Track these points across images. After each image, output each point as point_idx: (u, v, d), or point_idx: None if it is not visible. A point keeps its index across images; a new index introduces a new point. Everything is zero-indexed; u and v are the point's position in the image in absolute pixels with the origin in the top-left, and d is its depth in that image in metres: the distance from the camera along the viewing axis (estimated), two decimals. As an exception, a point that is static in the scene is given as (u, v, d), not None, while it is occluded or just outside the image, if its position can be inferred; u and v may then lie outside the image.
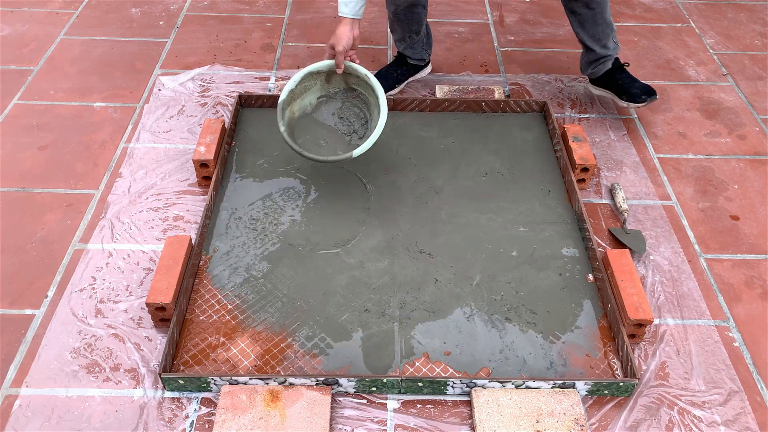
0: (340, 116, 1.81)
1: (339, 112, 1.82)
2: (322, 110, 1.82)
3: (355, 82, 1.78)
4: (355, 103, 1.81)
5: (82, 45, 2.45)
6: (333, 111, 1.82)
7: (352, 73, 1.76)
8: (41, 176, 1.88)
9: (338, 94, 1.82)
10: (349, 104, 1.82)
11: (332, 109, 1.82)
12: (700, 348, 1.49)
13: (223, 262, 1.63)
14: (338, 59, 1.71)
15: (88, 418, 1.33)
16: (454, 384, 1.36)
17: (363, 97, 1.80)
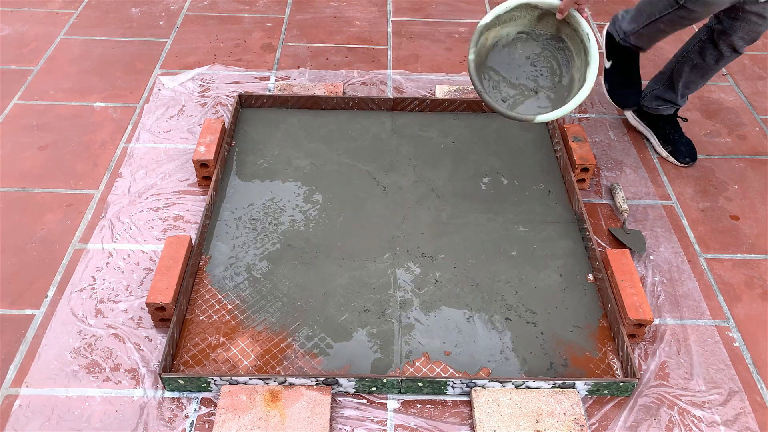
0: (534, 63, 1.59)
1: (534, 58, 1.59)
2: (517, 48, 1.58)
3: (568, 33, 1.56)
4: (556, 56, 1.58)
5: (82, 45, 2.45)
6: (528, 54, 1.59)
7: (571, 24, 1.53)
8: (41, 176, 1.88)
9: (542, 38, 1.57)
10: (549, 54, 1.59)
11: (528, 52, 1.59)
12: (700, 348, 1.49)
13: (223, 261, 1.63)
14: (565, 2, 1.50)
15: (88, 418, 1.33)
16: (454, 384, 1.36)
17: (568, 53, 1.58)
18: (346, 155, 1.95)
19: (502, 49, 1.58)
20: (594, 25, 2.66)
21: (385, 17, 2.68)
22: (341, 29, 2.59)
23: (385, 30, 2.60)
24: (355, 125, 2.06)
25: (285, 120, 2.07)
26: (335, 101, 2.10)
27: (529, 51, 1.58)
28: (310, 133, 2.03)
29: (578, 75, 1.54)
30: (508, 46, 1.57)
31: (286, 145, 1.98)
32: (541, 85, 1.59)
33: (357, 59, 2.42)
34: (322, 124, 2.06)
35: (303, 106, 2.11)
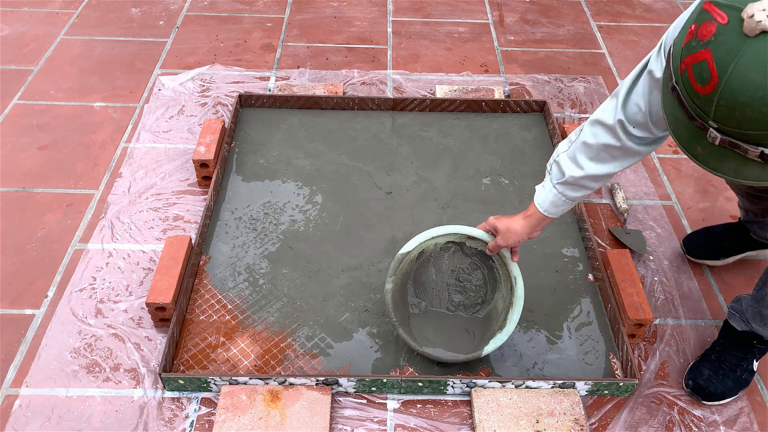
0: (459, 277, 1.48)
1: (460, 273, 1.47)
2: (444, 258, 1.46)
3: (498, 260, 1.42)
4: (484, 273, 1.46)
5: (82, 45, 2.44)
6: (455, 267, 1.47)
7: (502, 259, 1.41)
8: (41, 176, 1.88)
9: (472, 251, 1.44)
10: (477, 269, 1.47)
11: (456, 264, 1.47)
12: (701, 348, 1.49)
13: (223, 261, 1.63)
14: (495, 250, 1.38)
15: (88, 418, 1.33)
16: (454, 384, 1.36)
17: (496, 273, 1.44)
18: (346, 155, 1.95)
19: (427, 260, 1.46)
20: (595, 26, 2.66)
21: (385, 17, 2.68)
22: (341, 29, 2.59)
23: (385, 30, 2.60)
24: (355, 125, 2.06)
25: (285, 120, 2.07)
26: (335, 101, 2.10)
27: (457, 263, 1.47)
28: (310, 133, 2.03)
29: (501, 306, 1.42)
30: (434, 257, 1.46)
31: (286, 145, 1.98)
32: (465, 303, 1.48)
33: (357, 59, 2.42)
34: (322, 124, 2.06)
35: (303, 106, 2.11)
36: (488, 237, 1.39)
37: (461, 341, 1.44)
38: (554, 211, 1.27)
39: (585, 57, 2.48)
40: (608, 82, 2.34)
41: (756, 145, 0.79)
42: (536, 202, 1.28)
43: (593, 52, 2.51)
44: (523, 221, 1.31)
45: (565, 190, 1.22)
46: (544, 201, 1.26)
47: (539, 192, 1.28)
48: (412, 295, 1.49)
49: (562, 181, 1.21)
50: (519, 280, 1.39)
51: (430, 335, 1.45)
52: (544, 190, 1.27)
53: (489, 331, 1.42)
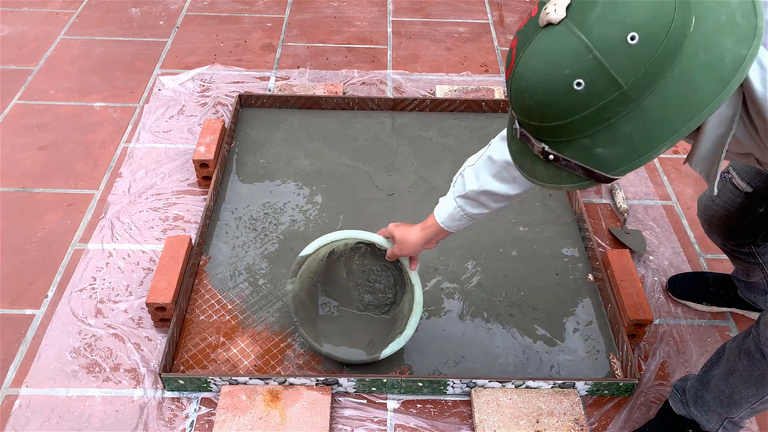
0: (369, 278, 1.46)
1: (370, 273, 1.46)
2: (355, 258, 1.45)
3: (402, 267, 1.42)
4: (393, 274, 1.46)
5: (82, 45, 2.45)
6: (365, 267, 1.46)
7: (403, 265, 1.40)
8: (41, 176, 1.88)
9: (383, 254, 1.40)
10: (387, 270, 1.45)
11: (365, 265, 1.46)
12: (700, 348, 1.49)
13: (223, 261, 1.63)
14: (392, 257, 1.36)
15: (88, 418, 1.33)
16: (454, 384, 1.36)
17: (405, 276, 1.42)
18: (346, 155, 1.95)
19: (338, 259, 1.44)
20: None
21: (385, 17, 2.68)
22: (341, 29, 2.59)
23: (385, 30, 2.60)
24: (355, 125, 2.06)
25: (285, 120, 2.07)
26: (335, 101, 2.10)
27: (367, 263, 1.45)
28: (310, 133, 2.03)
29: (407, 308, 1.40)
30: (345, 256, 1.44)
31: (286, 145, 1.98)
32: (373, 302, 1.47)
33: (357, 59, 2.42)
34: (322, 124, 2.06)
35: (303, 106, 2.11)
36: (387, 243, 1.35)
37: (366, 342, 1.43)
38: (451, 225, 1.22)
39: (585, 57, 2.48)
40: (608, 82, 2.33)
41: (537, 138, 0.81)
42: (435, 213, 1.24)
43: (593, 52, 2.51)
44: (420, 233, 1.27)
45: (464, 204, 1.18)
46: (443, 213, 1.22)
47: (441, 203, 1.23)
48: (322, 294, 1.48)
49: (463, 195, 1.17)
50: (418, 287, 1.36)
51: (336, 335, 1.44)
52: (445, 202, 1.22)
53: (393, 333, 1.41)
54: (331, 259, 1.45)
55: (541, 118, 0.78)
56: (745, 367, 1.09)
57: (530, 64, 0.76)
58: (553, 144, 0.80)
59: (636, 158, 0.75)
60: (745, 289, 1.50)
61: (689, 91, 0.71)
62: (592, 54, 0.71)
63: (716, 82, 0.71)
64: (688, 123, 0.72)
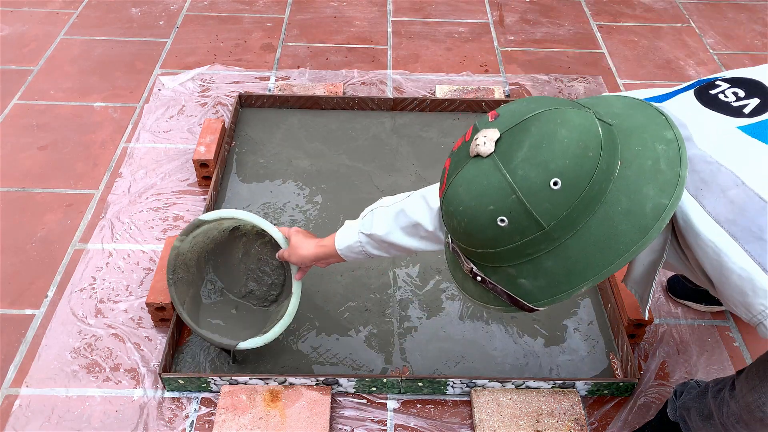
0: (261, 268, 1.44)
1: (264, 264, 1.44)
2: (256, 244, 1.43)
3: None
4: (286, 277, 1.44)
5: (82, 45, 2.45)
6: (262, 256, 1.43)
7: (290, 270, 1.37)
8: (41, 176, 1.88)
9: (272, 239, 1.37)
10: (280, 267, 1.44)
11: (263, 254, 1.42)
12: (700, 348, 1.49)
13: (223, 262, 1.63)
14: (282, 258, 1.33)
15: (88, 418, 1.33)
16: (454, 384, 1.36)
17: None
18: (346, 155, 1.95)
19: (239, 238, 1.42)
20: (595, 26, 2.66)
21: (385, 17, 2.68)
22: (341, 29, 2.59)
23: (385, 30, 2.60)
24: (355, 125, 2.06)
25: (285, 120, 2.07)
26: (335, 101, 2.10)
27: (266, 254, 1.42)
28: (310, 133, 2.03)
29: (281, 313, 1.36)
30: (248, 237, 1.42)
31: (286, 145, 1.98)
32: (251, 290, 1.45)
33: (357, 59, 2.42)
34: (322, 124, 2.06)
35: (303, 106, 2.11)
36: (282, 241, 1.32)
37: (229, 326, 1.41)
38: (348, 255, 1.20)
39: (585, 57, 2.48)
40: (608, 82, 2.34)
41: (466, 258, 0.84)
42: (336, 237, 1.20)
43: (593, 52, 2.51)
44: (315, 249, 1.24)
45: (366, 242, 1.15)
46: (343, 241, 1.18)
47: (344, 229, 1.20)
48: (209, 266, 1.46)
49: (368, 234, 1.14)
50: (295, 297, 1.32)
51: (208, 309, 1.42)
52: (349, 231, 1.18)
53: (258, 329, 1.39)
54: (233, 235, 1.42)
55: (468, 243, 0.81)
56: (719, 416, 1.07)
57: (458, 191, 0.79)
58: (480, 266, 0.83)
59: (557, 293, 0.77)
60: None
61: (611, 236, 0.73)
62: (515, 194, 0.73)
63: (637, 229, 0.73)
64: (609, 266, 0.74)
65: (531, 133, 0.74)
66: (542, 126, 0.74)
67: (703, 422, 1.13)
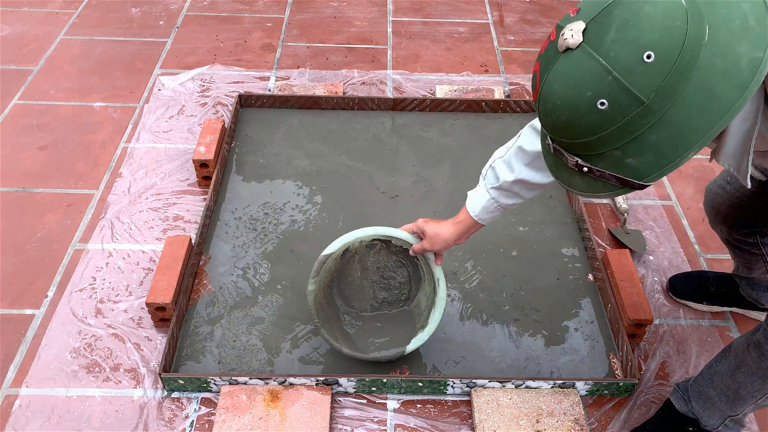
0: (384, 274, 1.46)
1: (385, 270, 1.45)
2: (370, 256, 1.44)
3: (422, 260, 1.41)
4: (408, 270, 1.45)
5: (82, 45, 2.45)
6: (380, 264, 1.45)
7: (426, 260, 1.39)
8: (41, 176, 1.88)
9: (397, 249, 1.42)
10: (402, 266, 1.45)
11: (381, 262, 1.45)
12: (700, 348, 1.49)
13: (223, 261, 1.63)
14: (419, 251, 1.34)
15: (88, 418, 1.33)
16: (454, 384, 1.36)
17: (420, 271, 1.44)
18: (346, 155, 1.95)
19: (352, 257, 1.43)
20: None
21: (385, 17, 2.68)
22: (341, 29, 2.59)
23: (385, 30, 2.60)
24: (355, 125, 2.06)
25: (285, 120, 2.07)
26: (335, 101, 2.10)
27: (382, 260, 1.44)
28: (310, 133, 2.03)
29: (424, 303, 1.42)
30: (360, 253, 1.43)
31: (286, 145, 1.98)
32: (388, 299, 1.47)
33: (357, 59, 2.42)
34: (322, 124, 2.06)
35: (303, 106, 2.11)
36: (413, 239, 1.34)
37: (386, 339, 1.43)
38: (485, 218, 1.23)
39: (585, 57, 2.48)
40: (608, 82, 2.33)
41: (569, 153, 0.85)
42: (468, 207, 1.24)
43: (593, 52, 2.51)
44: (453, 227, 1.26)
45: (498, 195, 1.20)
46: (476, 206, 1.22)
47: (471, 197, 1.24)
48: (336, 294, 1.47)
49: (496, 186, 1.19)
50: (442, 281, 1.36)
51: (355, 334, 1.43)
52: (476, 195, 1.23)
53: (412, 328, 1.42)
54: (345, 258, 1.44)
55: (570, 136, 0.82)
56: (753, 360, 1.10)
57: (554, 88, 0.80)
58: (585, 157, 0.84)
59: (665, 165, 0.78)
60: (747, 286, 1.50)
61: (710, 99, 0.74)
62: (611, 75, 0.75)
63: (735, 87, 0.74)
64: (712, 128, 0.75)
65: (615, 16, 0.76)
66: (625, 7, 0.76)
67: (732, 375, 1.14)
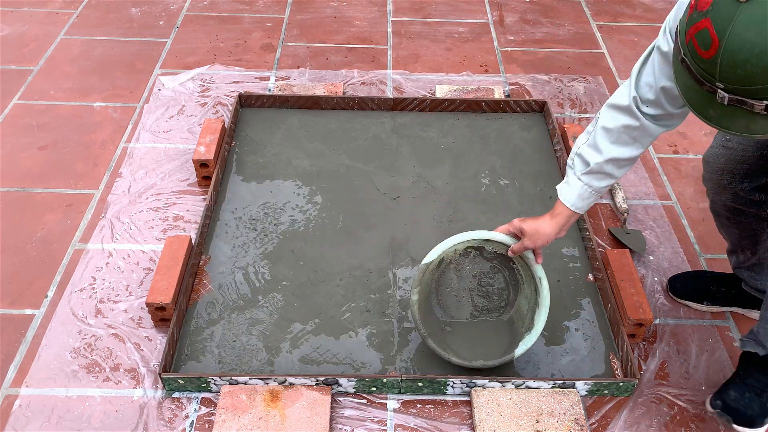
0: (481, 282, 1.46)
1: (482, 277, 1.45)
2: (465, 264, 1.44)
3: (519, 261, 1.41)
4: (505, 275, 1.45)
5: (82, 45, 2.45)
6: (476, 272, 1.45)
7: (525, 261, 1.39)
8: (41, 176, 1.88)
9: (492, 255, 1.42)
10: (498, 272, 1.45)
11: (476, 269, 1.44)
12: (700, 348, 1.49)
13: (223, 261, 1.63)
14: (520, 250, 1.35)
15: (88, 418, 1.33)
16: (454, 384, 1.36)
17: (518, 275, 1.44)
18: (346, 155, 1.95)
19: (447, 266, 1.43)
20: (595, 26, 2.66)
21: (385, 17, 2.68)
22: (341, 29, 2.59)
23: (385, 30, 2.60)
24: (355, 125, 2.06)
25: (285, 120, 2.07)
26: (335, 101, 2.10)
27: (478, 267, 1.44)
28: (310, 133, 2.03)
29: (526, 307, 1.42)
30: (455, 263, 1.43)
31: (286, 145, 1.98)
32: (488, 307, 1.47)
33: (357, 59, 2.42)
34: (322, 124, 2.06)
35: (303, 106, 2.11)
36: (510, 240, 1.36)
37: (489, 346, 1.43)
38: (581, 206, 1.28)
39: (585, 57, 2.48)
40: (608, 82, 2.34)
41: (760, 99, 0.86)
42: (562, 199, 1.29)
43: (593, 52, 2.51)
44: (552, 221, 1.30)
45: (590, 180, 1.24)
46: (570, 196, 1.27)
47: (563, 189, 1.29)
48: (435, 304, 1.47)
49: (587, 171, 1.24)
50: (544, 280, 1.37)
51: (458, 343, 1.43)
52: (568, 186, 1.28)
53: (516, 333, 1.42)
54: (440, 268, 1.43)
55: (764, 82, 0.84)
56: None
57: (746, 37, 0.82)
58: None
59: None
60: (750, 277, 1.49)
61: None
62: None
63: None
64: None
65: None
66: None
67: None
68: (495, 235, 1.37)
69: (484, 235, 1.37)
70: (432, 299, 1.46)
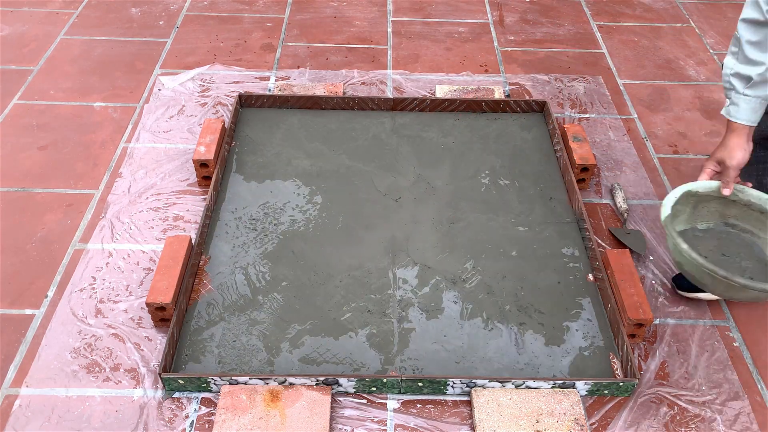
0: (723, 253, 1.42)
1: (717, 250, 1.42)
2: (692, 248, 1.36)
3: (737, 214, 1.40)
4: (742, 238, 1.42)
5: (82, 45, 2.45)
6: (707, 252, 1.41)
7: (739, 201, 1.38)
8: (41, 176, 1.88)
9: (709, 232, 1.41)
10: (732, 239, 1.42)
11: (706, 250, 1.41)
12: (700, 348, 1.49)
13: (223, 261, 1.63)
14: (730, 174, 1.36)
15: (88, 418, 1.33)
16: (454, 384, 1.36)
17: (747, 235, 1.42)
18: (346, 155, 1.95)
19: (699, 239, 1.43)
20: (595, 26, 2.66)
21: (385, 17, 2.68)
22: (341, 29, 2.59)
23: (385, 30, 2.60)
24: (355, 125, 2.06)
25: (285, 120, 2.07)
26: (335, 101, 2.10)
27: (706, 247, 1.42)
28: (310, 133, 2.03)
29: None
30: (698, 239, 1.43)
31: (286, 145, 1.98)
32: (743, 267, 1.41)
33: (357, 59, 2.42)
34: (322, 124, 2.06)
35: (303, 106, 2.11)
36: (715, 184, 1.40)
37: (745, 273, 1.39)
38: (755, 118, 1.33)
39: (585, 57, 2.48)
40: (608, 82, 2.34)
41: None
42: (735, 119, 1.33)
43: (593, 52, 2.51)
44: (736, 139, 1.34)
45: (756, 92, 1.30)
46: (743, 113, 1.32)
47: (733, 110, 1.33)
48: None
49: (751, 85, 1.29)
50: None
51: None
52: (737, 106, 1.33)
53: None
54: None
55: None
56: None
57: None
58: None
59: None
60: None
61: None
62: None
63: None
64: None
65: None
66: None
67: None
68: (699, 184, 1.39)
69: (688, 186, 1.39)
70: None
